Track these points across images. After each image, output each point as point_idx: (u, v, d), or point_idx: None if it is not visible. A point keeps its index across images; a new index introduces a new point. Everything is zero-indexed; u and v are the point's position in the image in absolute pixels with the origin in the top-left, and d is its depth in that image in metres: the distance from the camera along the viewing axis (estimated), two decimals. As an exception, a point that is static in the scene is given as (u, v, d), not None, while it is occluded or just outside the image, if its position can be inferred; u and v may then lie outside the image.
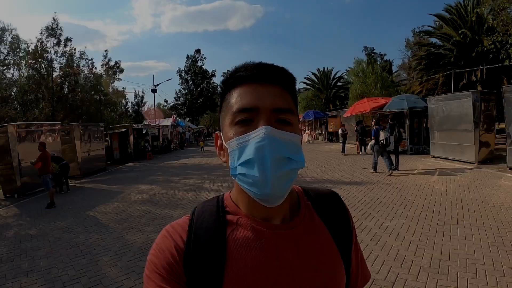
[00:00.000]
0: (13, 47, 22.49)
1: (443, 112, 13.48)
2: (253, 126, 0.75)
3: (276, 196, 0.73)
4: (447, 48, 24.38)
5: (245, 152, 0.74)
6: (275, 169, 0.71)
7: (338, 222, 0.91)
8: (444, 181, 9.30)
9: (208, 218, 0.82)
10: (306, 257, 0.79)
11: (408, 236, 5.39)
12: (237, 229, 0.79)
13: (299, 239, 0.81)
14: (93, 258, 5.28)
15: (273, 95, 0.77)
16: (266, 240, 0.78)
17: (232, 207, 0.84)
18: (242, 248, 0.77)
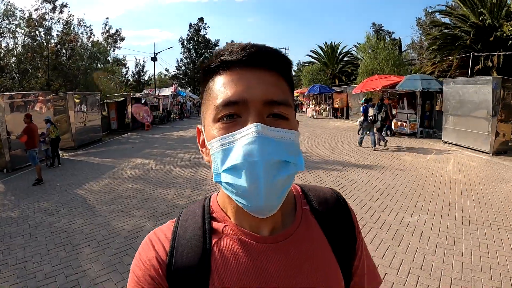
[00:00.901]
0: (7, 15, 21.39)
1: (460, 96, 12.55)
2: (241, 123, 0.63)
3: (270, 208, 0.63)
4: (464, 30, 23.13)
5: (230, 155, 0.62)
6: (269, 177, 0.60)
7: (339, 229, 0.80)
8: (461, 171, 8.60)
9: (193, 226, 0.75)
10: (297, 272, 0.71)
11: (433, 237, 4.74)
12: (223, 239, 0.72)
13: (291, 251, 0.72)
14: (74, 250, 4.68)
15: (265, 83, 0.65)
16: (254, 252, 0.70)
17: (218, 213, 0.76)
18: (228, 260, 0.70)
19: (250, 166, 0.60)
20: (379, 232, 4.87)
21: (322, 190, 0.87)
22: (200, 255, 0.70)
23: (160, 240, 0.74)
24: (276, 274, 0.69)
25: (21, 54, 22.38)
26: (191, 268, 0.69)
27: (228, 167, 0.62)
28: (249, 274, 0.68)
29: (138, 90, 35.98)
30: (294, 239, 0.74)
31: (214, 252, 0.70)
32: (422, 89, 14.72)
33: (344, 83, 35.86)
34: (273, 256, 0.71)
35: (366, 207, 5.96)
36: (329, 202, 0.84)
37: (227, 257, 0.70)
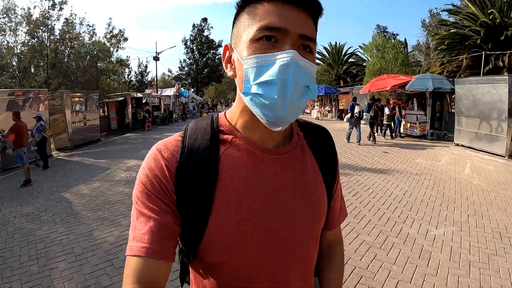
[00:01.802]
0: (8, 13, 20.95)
1: (473, 96, 11.83)
2: (277, 47, 0.72)
3: (287, 120, 0.74)
4: (473, 29, 22.43)
5: (266, 72, 0.71)
6: (295, 96, 0.71)
7: (326, 155, 0.93)
8: (479, 176, 7.92)
9: (202, 136, 0.81)
10: (295, 183, 0.82)
11: (465, 253, 4.07)
12: (230, 148, 0.79)
13: (290, 164, 0.83)
14: (48, 264, 4.05)
15: (302, 20, 0.74)
16: (259, 161, 0.79)
17: (227, 127, 0.83)
18: (235, 168, 0.77)
19: (283, 83, 0.69)
20: (403, 249, 4.18)
21: (313, 123, 1.00)
22: (209, 161, 0.76)
23: (169, 149, 0.79)
24: (278, 183, 0.80)
25: (21, 53, 21.95)
26: (200, 174, 0.75)
27: (263, 81, 0.70)
28: (255, 182, 0.77)
29: (140, 90, 35.45)
30: (292, 156, 0.85)
31: (222, 159, 0.77)
32: (433, 89, 14.04)
33: (349, 84, 35.26)
34: (274, 166, 0.80)
35: (385, 217, 5.27)
36: (319, 132, 0.97)
37: (235, 164, 0.77)
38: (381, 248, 4.21)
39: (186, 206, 0.74)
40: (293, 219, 0.80)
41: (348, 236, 4.57)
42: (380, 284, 3.42)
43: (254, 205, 0.76)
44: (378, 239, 4.48)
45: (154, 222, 0.72)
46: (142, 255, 0.70)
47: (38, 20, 21.79)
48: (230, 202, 0.74)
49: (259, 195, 0.76)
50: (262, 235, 0.76)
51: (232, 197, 0.75)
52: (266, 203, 0.77)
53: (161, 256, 0.71)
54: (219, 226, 0.74)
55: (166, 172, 0.75)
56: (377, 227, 4.88)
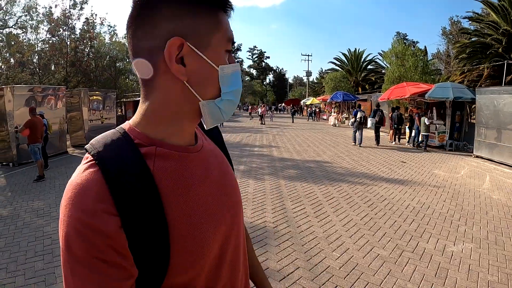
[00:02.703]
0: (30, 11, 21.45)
1: (494, 106, 11.44)
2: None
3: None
4: (495, 38, 21.90)
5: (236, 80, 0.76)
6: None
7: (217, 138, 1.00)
8: (500, 190, 7.62)
9: (121, 156, 0.66)
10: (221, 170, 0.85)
11: (484, 273, 3.84)
12: (158, 161, 0.70)
13: (211, 156, 0.85)
14: (52, 262, 4.04)
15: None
16: (190, 163, 0.76)
17: (142, 138, 0.71)
18: (172, 179, 0.71)
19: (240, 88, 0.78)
20: (419, 265, 3.97)
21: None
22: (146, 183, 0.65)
23: (91, 188, 0.60)
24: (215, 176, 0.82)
25: (42, 50, 22.40)
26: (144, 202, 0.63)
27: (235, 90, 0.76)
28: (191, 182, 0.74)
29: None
30: (207, 148, 0.86)
31: (156, 175, 0.68)
32: (453, 98, 13.69)
33: (367, 91, 34.89)
34: (202, 161, 0.80)
35: (401, 230, 5.06)
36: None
37: (170, 176, 0.71)
38: (396, 264, 4.01)
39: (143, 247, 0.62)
40: (235, 207, 0.85)
41: (362, 249, 4.41)
42: (393, 302, 3.24)
43: (205, 209, 0.74)
44: (393, 253, 4.29)
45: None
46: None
47: (59, 19, 22.23)
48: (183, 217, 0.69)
49: (205, 195, 0.76)
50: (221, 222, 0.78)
51: (183, 210, 0.69)
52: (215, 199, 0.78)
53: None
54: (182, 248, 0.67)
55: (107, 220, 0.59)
56: (393, 240, 4.69)
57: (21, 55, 21.76)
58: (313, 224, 5.24)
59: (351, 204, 6.26)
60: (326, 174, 8.82)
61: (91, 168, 0.63)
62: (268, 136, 19.30)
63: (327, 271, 3.81)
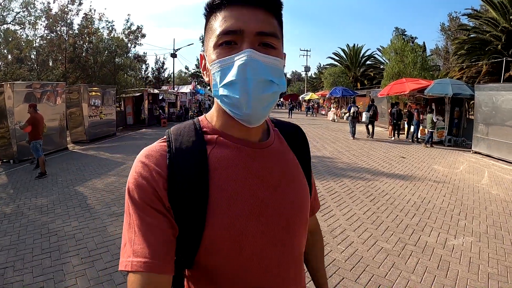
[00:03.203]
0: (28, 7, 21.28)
1: (493, 103, 11.48)
2: (237, 48, 0.75)
3: (257, 117, 0.76)
4: (493, 34, 21.88)
5: (228, 74, 0.75)
6: (256, 91, 0.73)
7: (301, 148, 0.98)
8: (498, 185, 7.70)
9: (187, 138, 0.81)
10: (283, 173, 0.86)
11: (484, 265, 3.93)
12: (217, 147, 0.81)
13: (275, 156, 0.87)
14: (60, 259, 4.03)
15: (258, 19, 0.76)
16: (246, 156, 0.81)
17: (209, 128, 0.85)
18: (224, 164, 0.79)
19: (243, 81, 0.73)
20: (421, 258, 4.04)
21: (286, 121, 1.05)
22: (198, 162, 0.77)
23: (156, 156, 0.78)
24: (266, 173, 0.82)
25: (40, 46, 22.26)
26: (191, 176, 0.75)
27: (226, 83, 0.75)
28: (245, 176, 0.79)
29: (157, 87, 35.69)
30: (275, 148, 0.89)
31: (210, 158, 0.79)
32: (452, 95, 13.73)
33: (366, 86, 34.89)
34: (262, 159, 0.83)
35: (403, 224, 5.13)
36: (292, 128, 1.02)
37: (224, 162, 0.79)
38: (399, 256, 4.09)
39: (182, 212, 0.74)
40: (288, 205, 0.83)
41: (366, 242, 4.48)
42: (398, 294, 3.31)
43: (249, 201, 0.77)
44: (396, 246, 4.36)
45: (154, 235, 0.71)
46: (145, 271, 0.68)
47: (57, 15, 22.07)
48: (225, 200, 0.75)
49: (253, 189, 0.79)
50: (261, 224, 0.78)
51: (226, 195, 0.76)
52: (261, 193, 0.79)
53: (163, 270, 0.70)
54: (217, 227, 0.74)
55: (158, 179, 0.74)
56: (396, 234, 4.76)
57: (19, 51, 21.62)
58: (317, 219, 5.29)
59: (353, 199, 6.33)
60: (328, 169, 8.86)
61: (161, 142, 0.81)
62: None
63: (333, 264, 3.88)
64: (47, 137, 11.52)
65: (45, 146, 11.21)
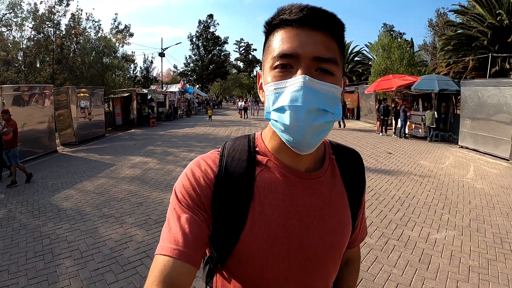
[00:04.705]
0: (14, 8, 21.01)
1: (479, 98, 11.77)
2: (293, 73, 0.74)
3: (307, 145, 0.75)
4: (480, 30, 22.22)
5: (280, 98, 0.74)
6: (308, 120, 0.71)
7: (354, 180, 0.94)
8: (483, 179, 7.94)
9: (240, 155, 0.85)
10: (321, 208, 0.84)
11: (465, 258, 4.10)
12: (266, 170, 0.83)
13: (320, 189, 0.85)
14: (53, 261, 4.11)
15: (316, 42, 0.73)
16: (291, 185, 0.82)
17: (262, 148, 0.87)
18: (269, 189, 0.81)
19: (294, 109, 0.71)
20: (403, 252, 4.22)
21: (346, 146, 1.02)
22: (245, 181, 0.80)
23: (208, 164, 0.84)
24: (309, 207, 0.82)
25: (27, 48, 22.02)
26: (236, 191, 0.79)
27: (277, 108, 0.74)
28: (287, 204, 0.81)
29: (146, 86, 35.53)
30: (322, 181, 0.86)
31: (257, 180, 0.81)
32: (439, 90, 13.97)
33: (355, 83, 35.14)
34: (305, 190, 0.83)
35: (387, 220, 5.30)
36: (349, 154, 0.99)
37: (269, 186, 0.81)
38: (382, 251, 4.25)
39: (220, 220, 0.78)
40: (319, 241, 0.82)
41: (349, 238, 4.62)
42: (379, 287, 3.46)
43: (284, 226, 0.79)
44: (380, 241, 4.52)
45: (190, 228, 0.75)
46: (173, 256, 0.72)
47: (43, 15, 21.84)
48: (262, 220, 0.78)
49: (289, 216, 0.80)
50: (288, 256, 0.80)
51: (264, 216, 0.78)
52: (295, 224, 0.80)
53: (191, 260, 0.73)
54: (250, 242, 0.78)
55: (204, 185, 0.79)
56: (379, 229, 4.92)
57: (6, 53, 21.37)
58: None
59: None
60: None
61: (215, 152, 0.87)
62: (257, 129, 19.35)
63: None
64: (37, 140, 11.51)
65: (34, 149, 11.26)
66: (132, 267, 3.92)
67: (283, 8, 0.77)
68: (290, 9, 0.75)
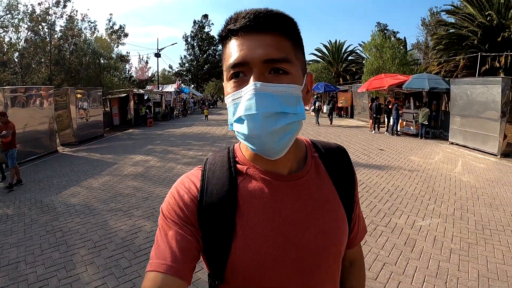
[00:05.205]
0: (11, 9, 21.14)
1: (467, 96, 12.21)
2: (247, 80, 0.73)
3: (273, 151, 0.74)
4: (470, 30, 22.66)
5: (238, 109, 0.73)
6: (266, 127, 0.70)
7: (343, 175, 0.92)
8: (470, 173, 8.35)
9: (220, 168, 0.85)
10: (311, 208, 0.82)
11: (447, 242, 4.50)
12: (247, 179, 0.82)
13: (305, 189, 0.83)
14: (68, 251, 4.42)
15: (264, 45, 0.72)
16: (274, 189, 0.81)
17: (241, 158, 0.86)
18: (252, 196, 0.80)
19: (250, 117, 0.70)
20: (390, 237, 4.62)
21: (329, 143, 0.99)
22: (228, 191, 0.80)
23: (191, 180, 0.84)
24: (292, 208, 0.80)
25: (23, 49, 22.14)
26: (221, 203, 0.79)
27: (237, 118, 0.73)
28: (272, 209, 0.79)
29: (141, 86, 35.70)
30: (307, 180, 0.84)
31: (240, 190, 0.80)
32: (429, 89, 14.39)
33: (348, 82, 35.52)
34: (290, 192, 0.81)
35: (376, 209, 5.70)
36: (335, 152, 0.96)
37: (252, 194, 0.80)
38: (370, 236, 4.65)
39: (209, 235, 0.78)
40: (313, 241, 0.80)
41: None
42: (368, 265, 3.84)
43: (274, 231, 0.78)
44: (369, 228, 4.89)
45: (176, 243, 0.75)
46: (162, 271, 0.72)
47: (39, 16, 21.99)
48: (250, 230, 0.77)
49: (278, 220, 0.79)
50: (284, 261, 0.78)
51: (252, 225, 0.77)
52: (286, 227, 0.79)
53: (180, 275, 0.73)
54: (241, 253, 0.77)
55: (189, 200, 0.80)
56: (369, 217, 5.30)
57: (2, 54, 21.49)
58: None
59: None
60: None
61: (198, 169, 0.88)
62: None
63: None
64: (37, 141, 11.78)
65: (35, 150, 11.51)
66: (144, 253, 4.27)
67: (230, 18, 0.77)
68: (235, 18, 0.75)
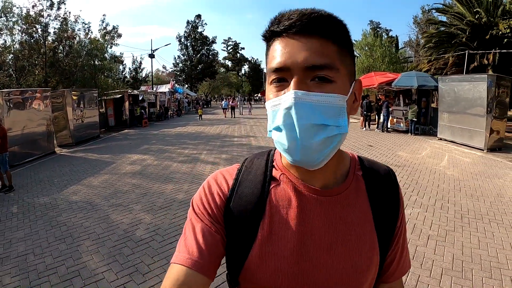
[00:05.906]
0: (5, 12, 21.24)
1: (455, 93, 12.68)
2: (287, 87, 0.68)
3: (311, 163, 0.69)
4: (460, 28, 23.10)
5: (277, 117, 0.70)
6: (305, 139, 0.66)
7: (385, 202, 0.83)
8: (455, 167, 8.75)
9: (256, 170, 0.83)
10: (338, 229, 0.77)
11: (426, 229, 4.87)
12: (279, 185, 0.80)
13: (336, 208, 0.78)
14: (74, 243, 4.74)
15: (307, 49, 0.67)
16: (304, 201, 0.77)
17: (279, 163, 0.84)
18: (281, 205, 0.77)
19: (288, 128, 0.67)
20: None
21: (377, 162, 0.92)
22: (259, 196, 0.79)
23: (225, 178, 0.84)
24: (320, 226, 0.76)
25: (18, 51, 22.25)
26: (248, 206, 0.78)
27: (275, 127, 0.71)
28: (297, 221, 0.76)
29: (135, 87, 35.86)
30: (342, 198, 0.79)
31: (270, 195, 0.79)
32: (417, 86, 14.79)
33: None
34: (320, 209, 0.77)
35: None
36: (381, 172, 0.87)
37: (281, 202, 0.78)
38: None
39: (231, 235, 0.78)
40: (332, 266, 0.75)
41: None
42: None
43: (293, 245, 0.75)
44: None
45: (204, 239, 0.75)
46: (187, 266, 0.72)
47: (34, 18, 22.12)
48: (272, 237, 0.75)
49: (301, 235, 0.75)
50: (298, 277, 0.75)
51: (274, 233, 0.76)
52: (307, 244, 0.75)
53: (205, 271, 0.72)
54: (258, 259, 0.75)
55: (218, 197, 0.80)
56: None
57: (-2, 57, 21.60)
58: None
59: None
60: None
61: (235, 166, 0.88)
62: (246, 127, 20.21)
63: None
64: (35, 142, 12.01)
65: (33, 151, 11.73)
66: (145, 242, 4.62)
67: (274, 18, 0.73)
68: (279, 19, 0.71)
